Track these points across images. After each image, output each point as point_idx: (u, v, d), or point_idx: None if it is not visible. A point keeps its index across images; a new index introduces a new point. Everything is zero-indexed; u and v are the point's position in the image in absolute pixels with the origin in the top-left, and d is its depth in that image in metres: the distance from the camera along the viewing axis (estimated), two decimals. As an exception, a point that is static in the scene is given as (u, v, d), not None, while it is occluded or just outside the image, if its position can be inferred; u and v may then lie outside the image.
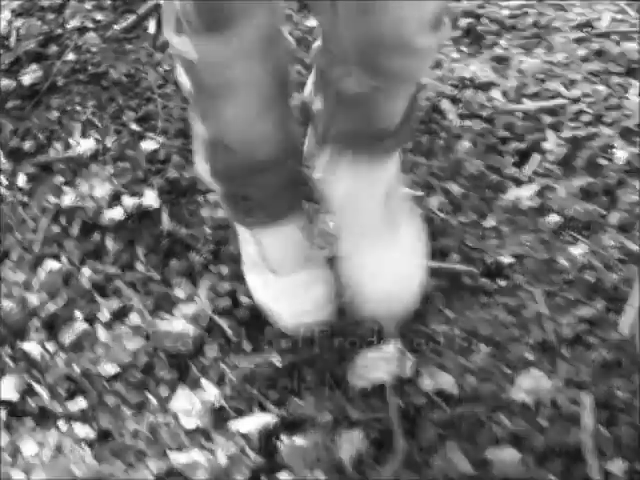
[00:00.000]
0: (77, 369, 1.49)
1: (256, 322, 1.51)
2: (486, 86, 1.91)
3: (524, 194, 1.69)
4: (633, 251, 1.57)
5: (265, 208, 1.43)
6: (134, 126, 1.87)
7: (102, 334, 1.54)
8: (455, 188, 1.72)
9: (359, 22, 1.13)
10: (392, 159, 1.40)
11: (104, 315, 1.56)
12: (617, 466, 1.32)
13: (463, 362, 1.46)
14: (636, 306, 1.46)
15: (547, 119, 1.82)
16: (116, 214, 1.70)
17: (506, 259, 1.58)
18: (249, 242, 1.49)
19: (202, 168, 1.42)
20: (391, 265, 1.42)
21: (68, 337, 1.53)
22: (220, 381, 1.44)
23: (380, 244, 1.41)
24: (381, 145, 1.36)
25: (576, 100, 1.84)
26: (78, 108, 1.87)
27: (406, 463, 1.33)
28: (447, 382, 1.44)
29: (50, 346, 1.51)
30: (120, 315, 1.57)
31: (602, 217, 1.64)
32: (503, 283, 1.56)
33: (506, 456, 1.35)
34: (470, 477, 1.33)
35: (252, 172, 1.37)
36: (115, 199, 1.73)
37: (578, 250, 1.59)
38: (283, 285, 1.47)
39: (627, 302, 1.49)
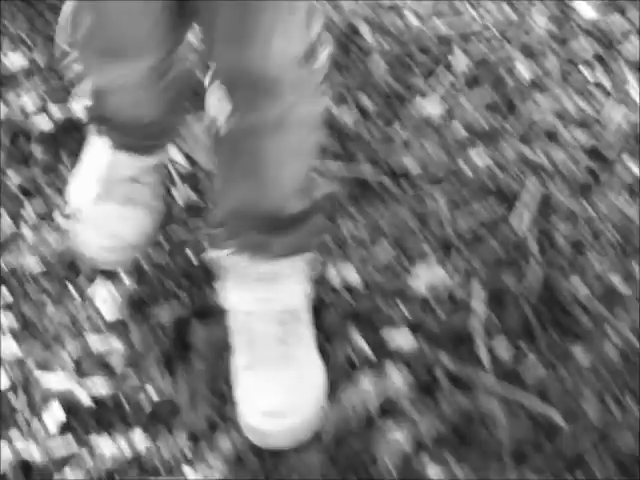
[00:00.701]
0: (3, 266, 1.57)
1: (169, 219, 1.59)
2: (399, 7, 2.00)
3: (431, 106, 1.79)
4: (528, 157, 1.68)
5: (133, 141, 1.46)
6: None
7: (27, 233, 1.62)
8: (366, 101, 1.81)
9: (229, 52, 1.16)
10: (292, 281, 1.36)
11: (30, 216, 1.64)
12: (501, 345, 1.44)
13: (367, 257, 1.56)
14: (528, 205, 1.58)
15: (455, 37, 1.92)
16: (44, 124, 1.77)
17: (411, 165, 1.69)
18: (96, 153, 1.50)
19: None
20: (273, 384, 1.33)
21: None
22: (138, 274, 1.53)
23: (268, 364, 1.34)
24: (271, 244, 1.32)
25: (482, 19, 1.93)
26: (6, 22, 1.93)
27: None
28: (352, 276, 1.54)
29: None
30: (45, 216, 1.64)
31: (503, 127, 1.74)
32: (407, 187, 1.66)
33: (402, 339, 1.46)
34: (369, 359, 1.44)
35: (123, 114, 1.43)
36: (43, 110, 1.80)
37: (478, 157, 1.69)
38: (101, 210, 1.49)
39: (521, 203, 1.60)
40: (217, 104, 1.24)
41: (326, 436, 1.36)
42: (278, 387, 1.32)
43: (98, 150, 1.49)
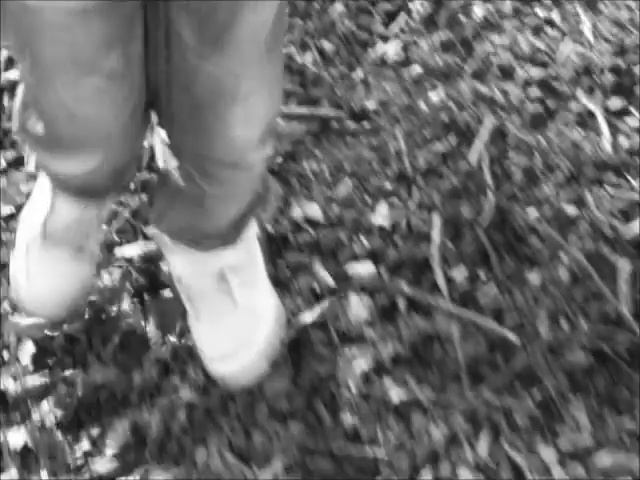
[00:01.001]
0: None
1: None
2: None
3: (390, 49, 1.83)
4: (484, 94, 1.73)
5: (81, 188, 1.35)
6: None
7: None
8: (327, 45, 1.85)
9: (192, 137, 1.16)
10: (222, 253, 1.37)
11: (1, 164, 1.68)
12: (459, 272, 1.49)
13: (329, 193, 1.61)
14: (484, 139, 1.63)
15: (413, -19, 1.96)
16: (12, 75, 1.81)
17: (371, 105, 1.73)
18: (42, 195, 1.41)
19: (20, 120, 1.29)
20: (225, 326, 1.37)
21: (-33, 183, 1.65)
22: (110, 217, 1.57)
23: (216, 310, 1.38)
24: (207, 242, 1.35)
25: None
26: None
27: (274, 281, 1.48)
28: (314, 210, 1.59)
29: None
30: (16, 164, 1.69)
31: (459, 66, 1.79)
32: (367, 126, 1.71)
33: (363, 270, 1.51)
34: (332, 289, 1.49)
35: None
36: (11, 62, 1.84)
37: (436, 95, 1.74)
38: (41, 260, 1.40)
39: (477, 137, 1.65)
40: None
41: (287, 364, 1.41)
42: (223, 333, 1.36)
43: (44, 192, 1.40)
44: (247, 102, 1.10)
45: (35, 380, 1.42)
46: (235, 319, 1.37)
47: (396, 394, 1.37)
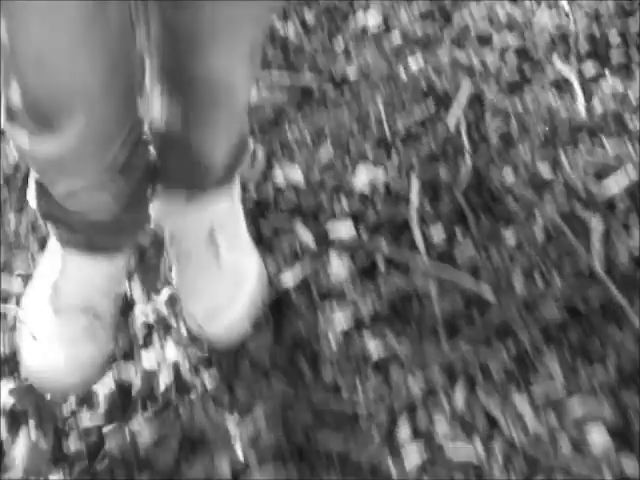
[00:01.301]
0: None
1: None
2: None
3: (370, 18, 1.87)
4: (462, 61, 1.76)
5: (88, 239, 1.31)
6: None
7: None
8: (309, 16, 1.89)
9: (176, 58, 1.13)
10: (215, 201, 1.38)
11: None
12: (436, 232, 1.53)
13: (310, 158, 1.64)
14: (462, 105, 1.67)
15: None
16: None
17: (352, 73, 1.77)
18: (52, 256, 1.37)
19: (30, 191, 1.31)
20: (210, 286, 1.39)
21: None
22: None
23: (202, 269, 1.39)
24: (198, 181, 1.35)
25: None
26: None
27: (257, 242, 1.52)
28: (296, 174, 1.62)
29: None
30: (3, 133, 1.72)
31: (438, 35, 1.82)
32: (348, 93, 1.74)
33: (343, 230, 1.54)
34: (312, 249, 1.53)
35: (80, 222, 1.28)
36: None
37: (415, 63, 1.77)
38: (53, 327, 1.33)
39: (455, 102, 1.69)
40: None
41: (269, 322, 1.44)
42: (209, 293, 1.38)
43: (53, 254, 1.37)
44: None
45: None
46: (220, 279, 1.40)
47: (375, 349, 1.41)
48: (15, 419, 1.38)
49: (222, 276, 1.40)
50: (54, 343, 1.31)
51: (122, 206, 1.26)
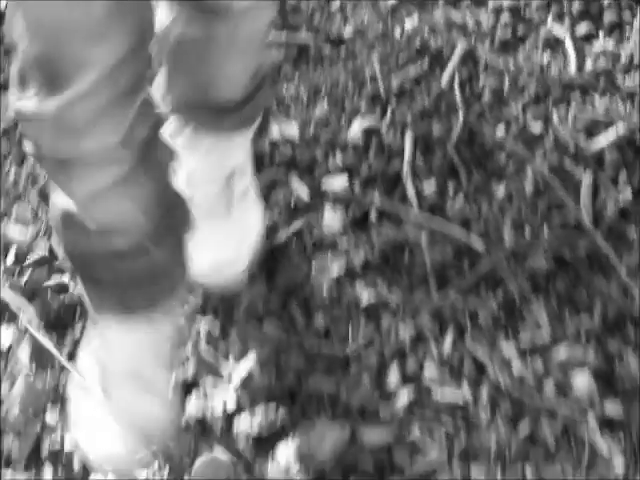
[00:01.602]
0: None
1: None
2: None
3: (367, -21, 1.89)
4: (457, 21, 1.79)
5: (120, 295, 1.20)
6: None
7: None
8: (306, -23, 1.91)
9: None
10: (238, 144, 1.39)
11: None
12: (429, 186, 1.56)
13: (306, 114, 1.67)
14: (456, 63, 1.70)
15: None
16: None
17: (348, 32, 1.79)
18: (91, 334, 1.29)
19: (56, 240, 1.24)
20: (218, 236, 1.39)
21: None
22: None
23: (212, 217, 1.38)
24: (222, 121, 1.33)
25: None
26: None
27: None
28: (291, 129, 1.65)
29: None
30: (3, 88, 1.75)
31: (433, -6, 1.85)
32: (344, 52, 1.77)
33: (337, 184, 1.57)
34: (307, 202, 1.56)
35: (105, 258, 1.16)
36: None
37: (411, 23, 1.80)
38: (103, 412, 1.25)
39: (449, 61, 1.71)
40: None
41: (264, 271, 1.48)
42: (214, 242, 1.39)
43: (93, 336, 1.29)
44: None
45: (22, 285, 1.48)
46: (229, 230, 1.42)
47: (366, 296, 1.44)
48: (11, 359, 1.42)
49: (231, 226, 1.42)
50: (110, 429, 1.24)
51: (150, 221, 1.15)
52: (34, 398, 1.37)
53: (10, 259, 1.52)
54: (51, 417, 1.36)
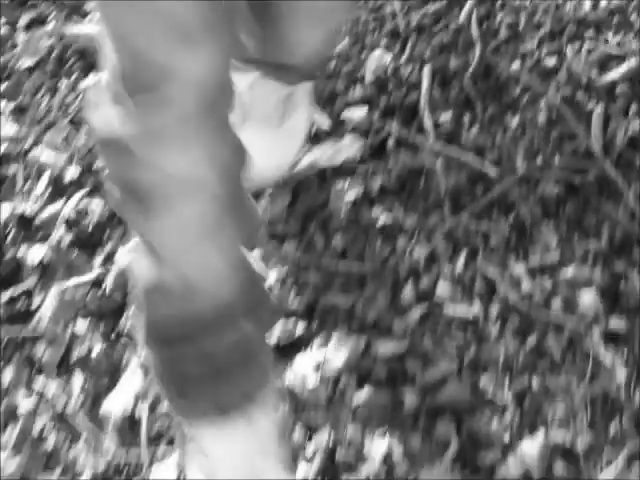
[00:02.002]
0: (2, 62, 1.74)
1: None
2: None
3: None
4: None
5: (212, 392, 1.06)
6: None
7: (21, 36, 1.79)
8: None
9: None
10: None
11: (23, 21, 1.81)
12: (445, 117, 1.61)
13: (327, 49, 1.72)
14: (474, 1, 1.75)
15: None
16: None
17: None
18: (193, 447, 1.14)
19: (137, 321, 1.11)
20: (269, 143, 1.44)
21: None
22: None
23: (266, 125, 1.45)
24: (285, 76, 1.38)
25: None
26: None
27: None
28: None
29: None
30: (37, 22, 1.82)
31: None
32: (366, -9, 1.83)
33: (357, 114, 1.63)
34: (328, 132, 1.62)
35: (191, 331, 1.03)
36: None
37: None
38: None
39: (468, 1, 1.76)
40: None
41: (284, 194, 1.54)
42: (264, 150, 1.37)
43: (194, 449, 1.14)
44: None
45: (53, 205, 1.55)
46: (278, 137, 1.48)
47: (382, 219, 1.50)
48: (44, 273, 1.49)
49: (281, 135, 1.49)
50: None
51: (237, 283, 1.06)
52: (65, 309, 1.43)
53: (43, 183, 1.59)
54: (80, 327, 1.42)
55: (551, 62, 1.65)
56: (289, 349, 1.38)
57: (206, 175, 0.96)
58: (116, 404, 1.32)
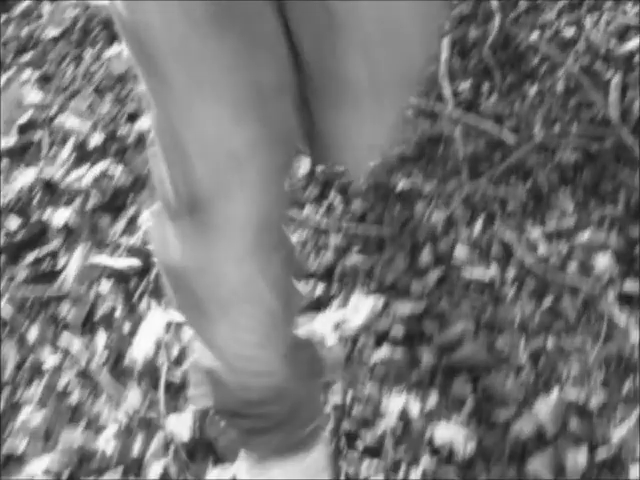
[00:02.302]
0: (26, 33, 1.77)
1: None
2: None
3: None
4: None
5: (265, 440, 1.15)
6: None
7: (46, 7, 1.82)
8: None
9: None
10: None
11: (48, -7, 1.84)
12: (464, 86, 1.63)
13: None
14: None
15: None
16: None
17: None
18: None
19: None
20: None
21: (18, 9, 1.81)
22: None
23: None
24: None
25: None
26: None
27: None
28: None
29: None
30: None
31: None
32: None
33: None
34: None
35: (250, 406, 1.11)
36: None
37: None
38: None
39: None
40: None
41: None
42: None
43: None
44: None
45: (78, 171, 1.58)
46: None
47: (402, 185, 1.52)
48: (68, 236, 1.52)
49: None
50: None
51: (290, 365, 1.09)
52: (89, 271, 1.47)
53: (68, 149, 1.62)
54: (104, 287, 1.46)
55: (570, 32, 1.67)
56: (309, 309, 1.41)
57: (259, 287, 0.97)
58: (138, 351, 1.35)
